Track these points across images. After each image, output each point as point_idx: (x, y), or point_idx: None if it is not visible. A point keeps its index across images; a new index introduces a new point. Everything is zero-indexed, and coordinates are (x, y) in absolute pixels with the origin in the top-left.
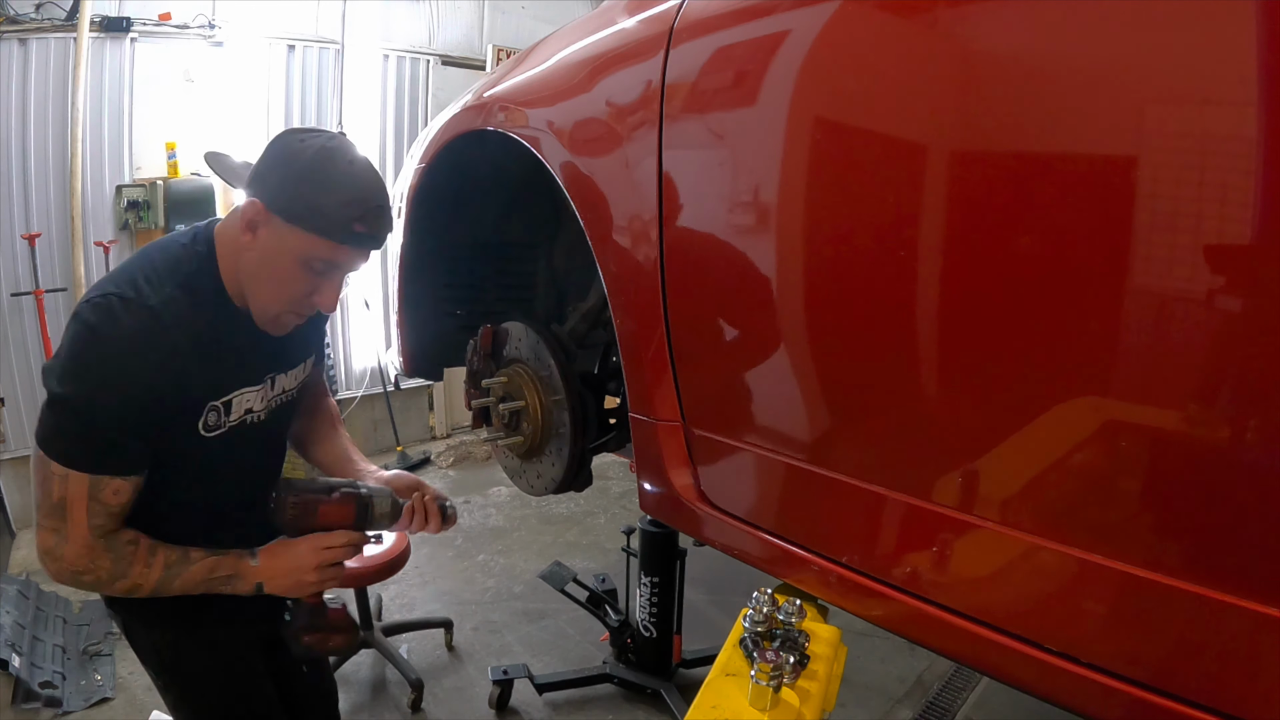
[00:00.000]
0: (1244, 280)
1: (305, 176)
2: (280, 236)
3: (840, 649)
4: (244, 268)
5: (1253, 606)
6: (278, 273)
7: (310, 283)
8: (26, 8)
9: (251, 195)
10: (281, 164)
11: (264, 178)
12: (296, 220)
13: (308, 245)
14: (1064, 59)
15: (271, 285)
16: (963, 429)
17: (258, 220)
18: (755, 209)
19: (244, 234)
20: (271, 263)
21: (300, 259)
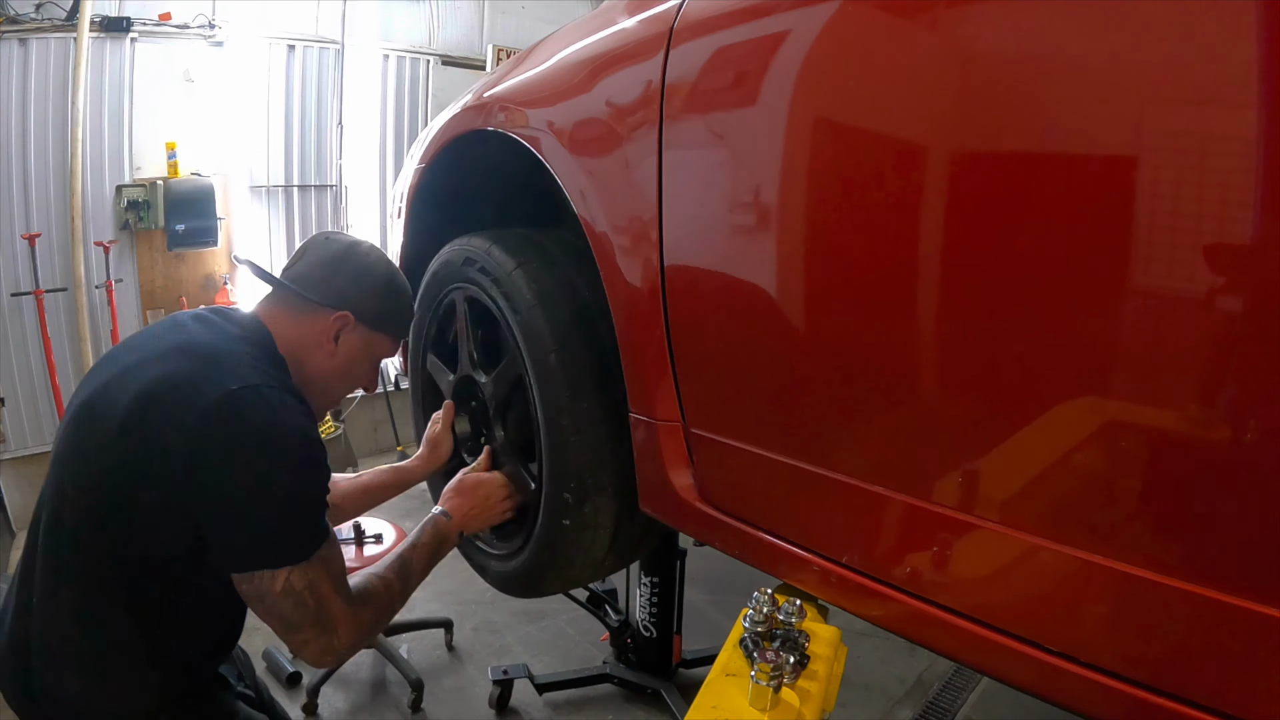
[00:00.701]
0: (1244, 280)
1: (386, 292)
2: (366, 341)
3: (840, 649)
4: (318, 369)
5: (1253, 606)
6: (356, 370)
7: (371, 372)
8: (26, 8)
9: (338, 309)
10: (363, 281)
11: (347, 294)
12: (382, 328)
13: (385, 346)
14: (1064, 59)
15: (345, 381)
16: (963, 429)
17: (344, 330)
18: (755, 209)
19: (328, 342)
20: (354, 363)
21: (376, 358)
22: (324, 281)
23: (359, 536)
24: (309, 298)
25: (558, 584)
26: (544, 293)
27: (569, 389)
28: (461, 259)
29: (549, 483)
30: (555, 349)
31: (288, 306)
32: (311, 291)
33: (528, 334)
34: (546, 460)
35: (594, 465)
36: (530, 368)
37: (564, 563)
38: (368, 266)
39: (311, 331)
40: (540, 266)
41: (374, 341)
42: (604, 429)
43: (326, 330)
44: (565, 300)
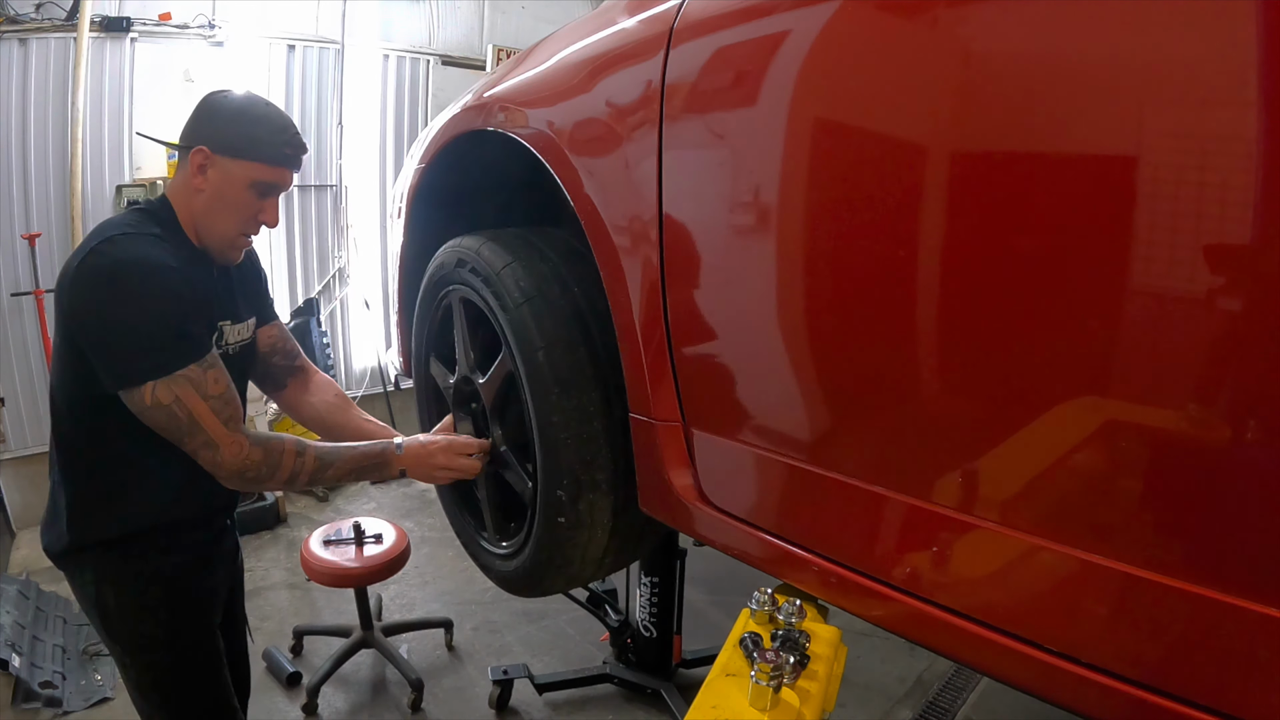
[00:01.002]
0: (1244, 280)
1: (237, 118)
2: (227, 171)
3: (840, 649)
4: (198, 208)
5: (1253, 606)
6: (229, 200)
7: (256, 204)
8: (26, 8)
9: (197, 145)
10: (214, 114)
11: (201, 129)
12: (240, 153)
13: (251, 171)
14: (1064, 59)
15: (226, 213)
16: (963, 429)
17: (206, 163)
18: (755, 209)
19: (195, 178)
20: (223, 194)
21: (248, 184)
22: (187, 128)
23: (359, 536)
24: (178, 145)
25: (559, 582)
26: (532, 291)
27: (558, 386)
28: (454, 260)
29: (543, 480)
30: (544, 346)
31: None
32: (181, 139)
33: (517, 332)
34: (540, 458)
35: (587, 462)
36: (521, 366)
37: (563, 561)
38: (220, 102)
39: (185, 176)
40: (529, 265)
41: (237, 168)
42: (596, 426)
43: (192, 168)
44: (555, 298)
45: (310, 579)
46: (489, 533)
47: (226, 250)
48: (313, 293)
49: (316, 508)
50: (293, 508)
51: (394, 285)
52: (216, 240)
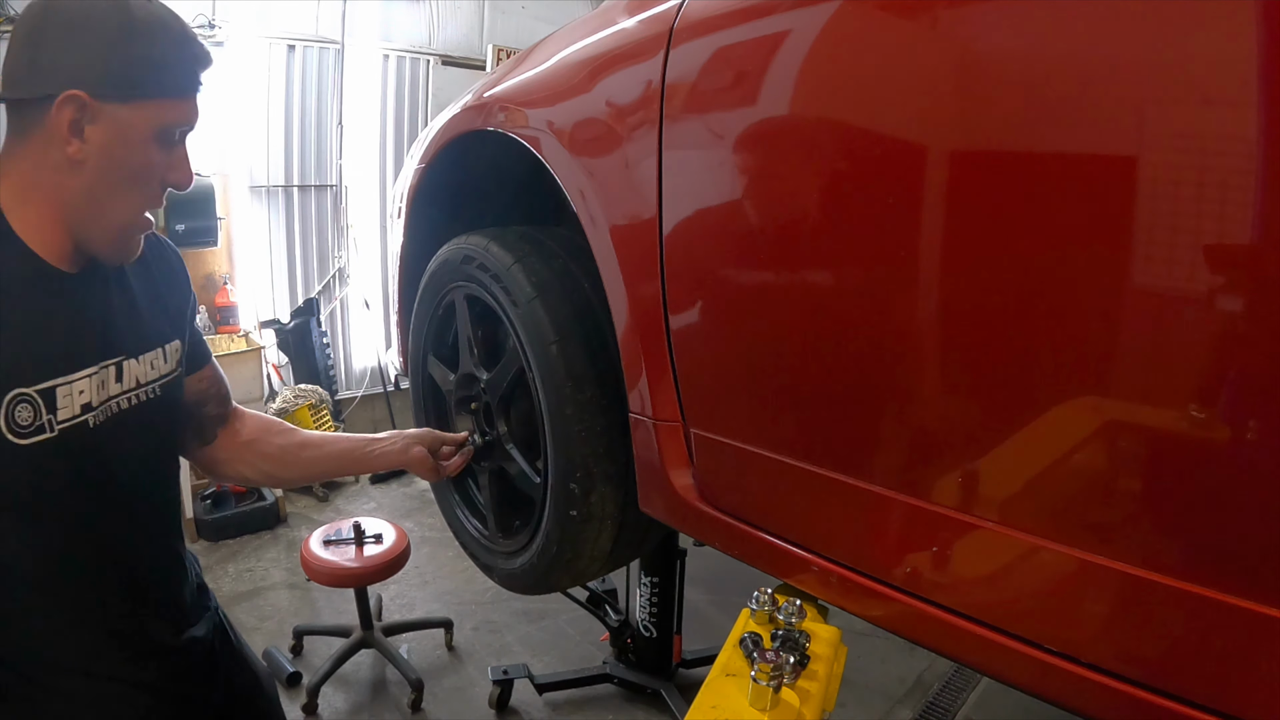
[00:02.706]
0: (1244, 280)
1: (121, 37)
2: (124, 122)
3: (840, 649)
4: (73, 191)
5: (1253, 606)
6: (129, 166)
7: (163, 162)
8: None
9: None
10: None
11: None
12: (143, 91)
13: (160, 114)
14: (1064, 59)
15: (123, 187)
16: (963, 429)
17: (84, 116)
18: (755, 209)
19: (68, 144)
20: (118, 160)
21: (155, 134)
22: (30, 67)
23: (359, 536)
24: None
25: (565, 579)
26: (543, 286)
27: (571, 380)
28: (460, 257)
29: (554, 475)
30: (556, 340)
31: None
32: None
33: (528, 327)
34: (551, 452)
35: (599, 455)
36: (532, 360)
37: (572, 556)
38: (80, 14)
39: (43, 142)
40: (539, 261)
41: (138, 115)
42: (608, 418)
43: (59, 127)
44: (565, 292)
45: (310, 579)
46: (491, 531)
47: (123, 244)
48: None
49: (316, 508)
50: (293, 507)
51: (394, 285)
52: (111, 233)
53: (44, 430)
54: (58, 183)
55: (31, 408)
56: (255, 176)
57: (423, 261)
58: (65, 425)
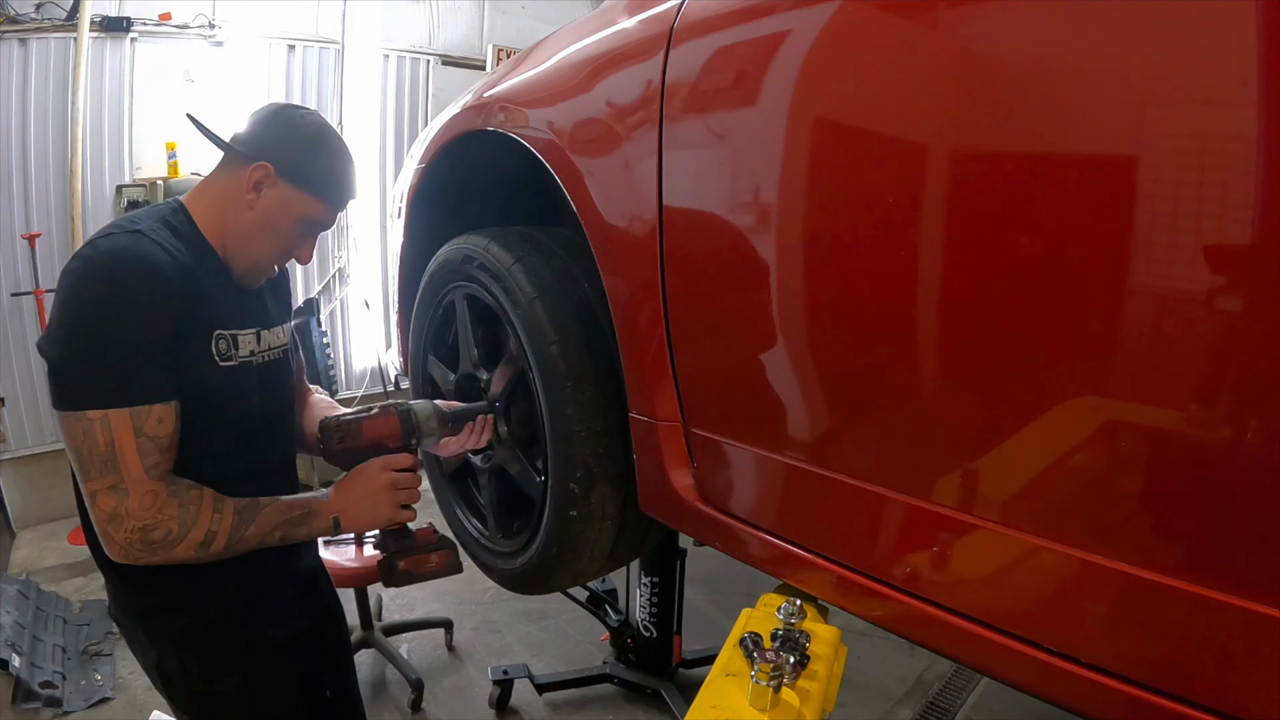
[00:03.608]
0: (1244, 280)
1: (312, 148)
2: (286, 197)
3: (840, 649)
4: (237, 224)
5: (1253, 606)
6: (276, 229)
7: (298, 240)
8: (26, 8)
9: (258, 160)
10: (289, 134)
11: (269, 145)
12: (304, 185)
13: (309, 207)
14: (1064, 59)
15: (268, 240)
16: (963, 429)
17: (264, 182)
18: (756, 209)
19: (247, 193)
20: (272, 220)
21: (299, 218)
22: (251, 135)
23: (359, 536)
24: (235, 149)
25: (566, 579)
26: (543, 285)
27: (571, 379)
28: (460, 257)
29: (554, 474)
30: (557, 340)
31: (220, 168)
32: (239, 144)
33: (529, 327)
34: (551, 451)
35: (600, 455)
36: (532, 360)
37: (572, 556)
38: (299, 122)
39: (234, 185)
40: (539, 261)
41: (296, 199)
42: (608, 419)
43: (246, 181)
44: (565, 292)
45: None
46: (491, 531)
47: (250, 275)
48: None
49: None
50: None
51: (394, 285)
52: (247, 263)
53: (232, 360)
54: (231, 214)
55: (227, 343)
56: None
57: (423, 261)
58: (243, 359)
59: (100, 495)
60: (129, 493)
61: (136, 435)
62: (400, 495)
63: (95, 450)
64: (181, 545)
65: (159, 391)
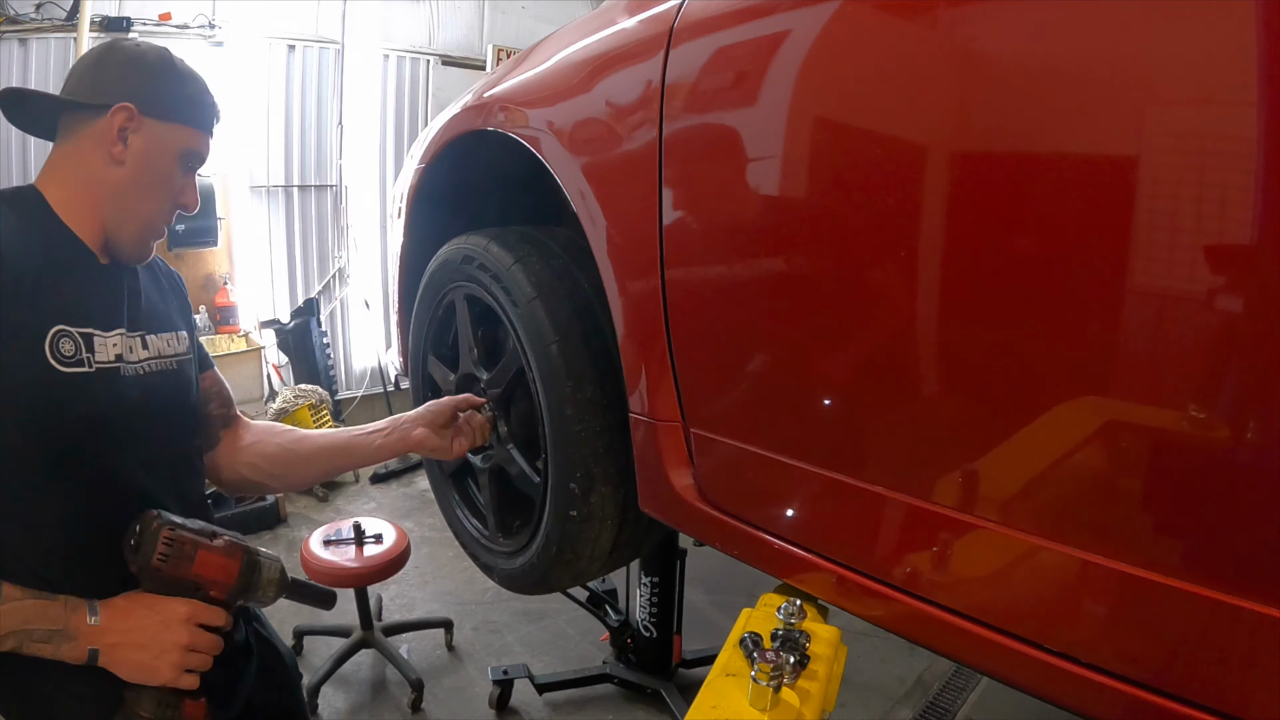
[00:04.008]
0: (1244, 280)
1: (166, 72)
2: (159, 137)
3: (840, 649)
4: (111, 186)
5: (1253, 606)
6: (157, 175)
7: (181, 181)
8: (26, 8)
9: (120, 101)
10: (138, 68)
11: (122, 85)
12: (175, 115)
13: (186, 139)
14: (1064, 59)
15: (149, 191)
16: (963, 429)
17: (129, 126)
18: (756, 209)
19: (113, 146)
20: (150, 166)
21: (180, 154)
22: (93, 83)
23: (359, 536)
24: (80, 103)
25: (566, 578)
26: (543, 285)
27: (571, 379)
28: (460, 257)
29: (554, 475)
30: (557, 340)
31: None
32: (81, 97)
33: (529, 327)
34: (551, 452)
35: (599, 455)
36: (532, 360)
37: (573, 555)
38: (139, 54)
39: (91, 144)
40: (539, 261)
41: (169, 134)
42: (608, 418)
43: (108, 133)
44: (565, 292)
45: (310, 579)
46: (491, 531)
47: (141, 242)
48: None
49: (316, 508)
50: (293, 508)
51: (394, 285)
52: (135, 228)
53: (83, 365)
54: (99, 178)
55: (73, 343)
56: (255, 176)
57: (423, 261)
58: (102, 366)
59: None
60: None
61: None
62: (191, 659)
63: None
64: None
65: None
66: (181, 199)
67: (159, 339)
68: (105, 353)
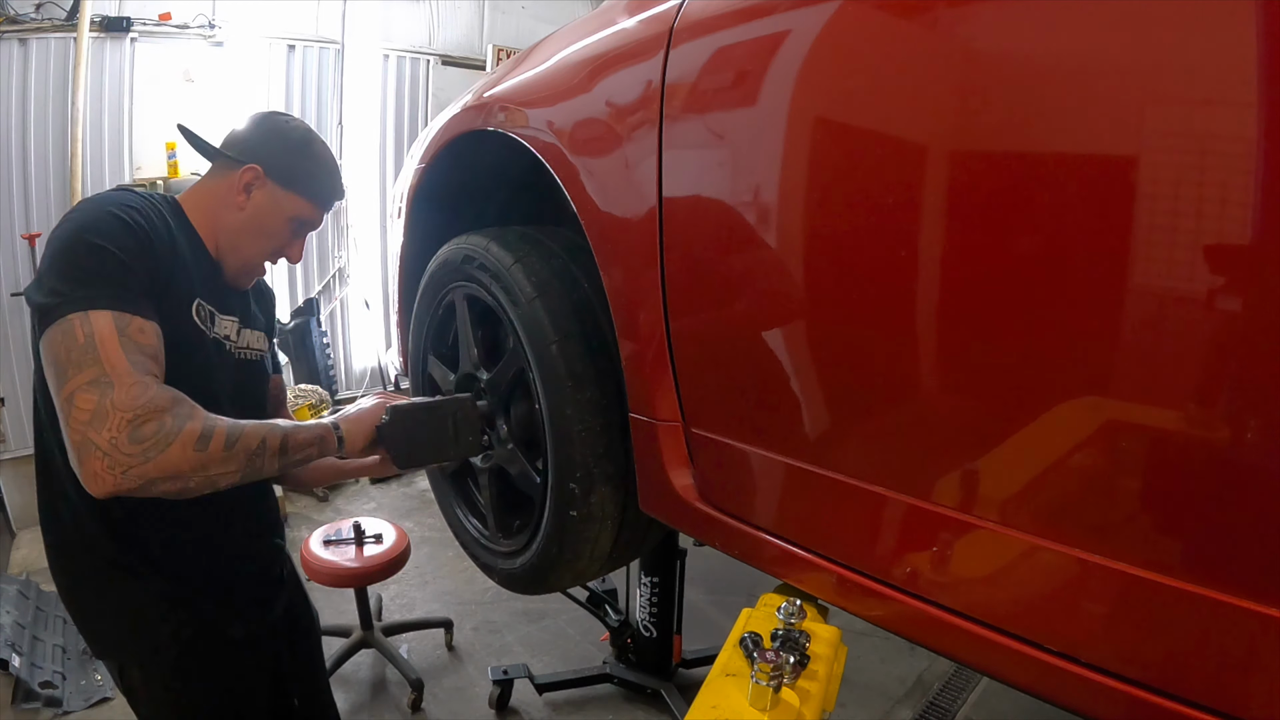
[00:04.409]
0: (1244, 280)
1: (299, 151)
2: (275, 198)
3: (840, 649)
4: (229, 224)
5: (1253, 606)
6: (267, 228)
7: (288, 239)
8: (26, 8)
9: (248, 162)
10: (277, 139)
11: (259, 149)
12: (293, 186)
13: (297, 207)
14: (1063, 59)
15: (259, 239)
16: (963, 429)
17: (254, 184)
18: (755, 209)
19: (238, 195)
20: (262, 219)
21: (290, 218)
22: (241, 140)
23: (359, 536)
24: (225, 154)
25: (566, 578)
26: (543, 285)
27: (571, 379)
28: (460, 257)
29: (555, 474)
30: (557, 340)
31: (211, 173)
32: (228, 148)
33: (529, 327)
34: (551, 451)
35: (599, 455)
36: (532, 360)
37: (573, 555)
38: (286, 127)
39: (225, 187)
40: (539, 260)
41: (285, 200)
42: (608, 418)
43: (237, 183)
44: (565, 292)
45: (310, 579)
46: (491, 531)
47: (242, 274)
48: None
49: (316, 508)
50: (293, 507)
51: (394, 285)
52: (237, 261)
53: (208, 331)
54: (222, 214)
55: (205, 312)
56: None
57: (423, 261)
58: (216, 337)
59: (80, 394)
60: (114, 384)
61: (120, 334)
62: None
63: (74, 347)
64: (177, 442)
65: (139, 307)
66: (284, 252)
67: (252, 334)
68: (221, 329)
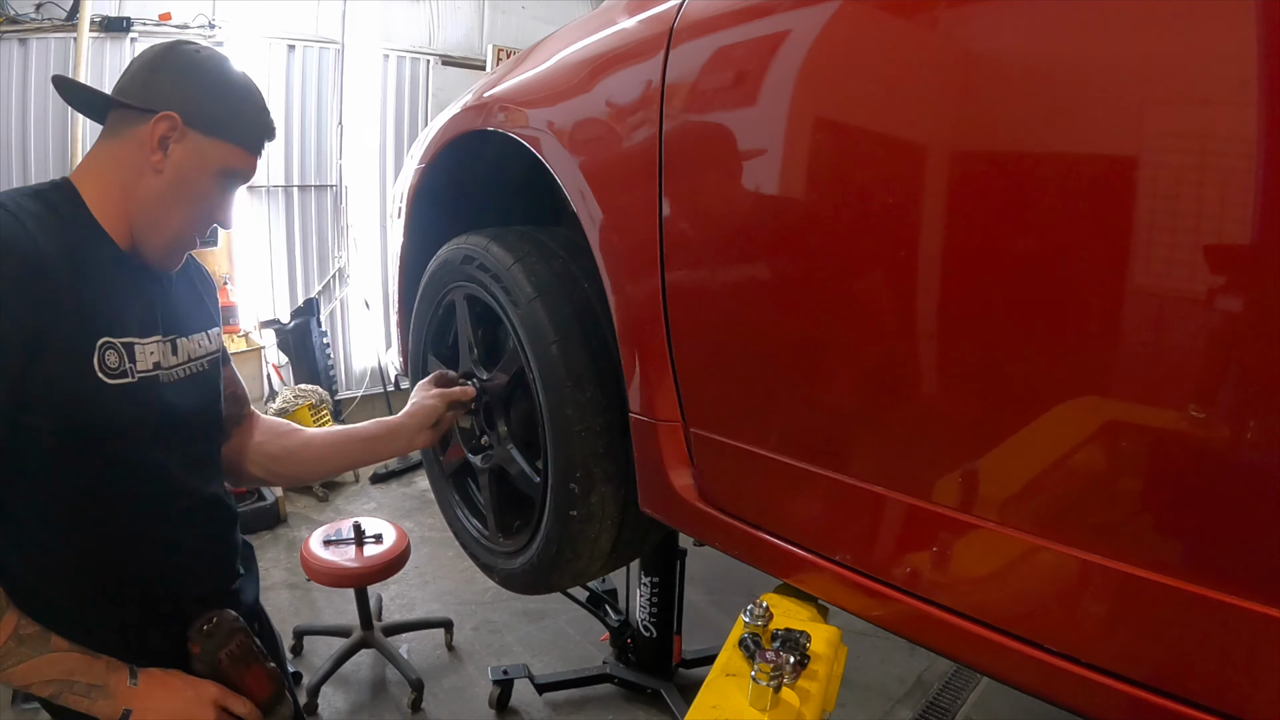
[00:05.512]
0: (1244, 280)
1: (219, 87)
2: (200, 150)
3: (840, 649)
4: (146, 193)
5: (1253, 606)
6: (193, 189)
7: (218, 198)
8: (26, 8)
9: (160, 109)
10: (190, 76)
11: (170, 92)
12: (218, 131)
13: (226, 156)
14: (1063, 59)
15: (183, 205)
16: (963, 429)
17: (172, 136)
18: (755, 209)
19: (153, 154)
20: (187, 179)
21: (219, 171)
22: (143, 83)
23: (359, 536)
24: (126, 103)
25: (566, 578)
26: (543, 285)
27: (571, 379)
28: (460, 257)
29: (554, 474)
30: (557, 340)
31: (109, 134)
32: (127, 96)
33: (529, 327)
34: (551, 452)
35: (599, 455)
36: (532, 360)
37: (572, 555)
38: (196, 59)
39: (133, 147)
40: (539, 261)
41: (212, 149)
42: (608, 418)
43: (148, 139)
44: (565, 293)
45: (310, 579)
46: (491, 531)
47: (169, 253)
48: (313, 293)
49: (316, 508)
50: (292, 507)
51: (394, 285)
52: (163, 239)
53: (127, 375)
54: (135, 184)
55: (117, 355)
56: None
57: (423, 261)
58: (143, 375)
59: None
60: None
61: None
62: None
63: None
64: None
65: None
66: (217, 215)
67: (190, 341)
68: (145, 361)
